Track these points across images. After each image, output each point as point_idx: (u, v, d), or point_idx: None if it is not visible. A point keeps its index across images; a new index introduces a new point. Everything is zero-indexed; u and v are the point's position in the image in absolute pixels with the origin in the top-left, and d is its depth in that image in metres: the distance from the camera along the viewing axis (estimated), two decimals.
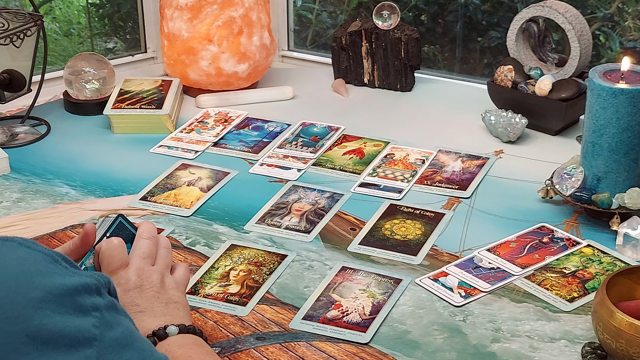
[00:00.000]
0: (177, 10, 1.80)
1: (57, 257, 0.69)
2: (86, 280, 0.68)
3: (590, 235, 1.31)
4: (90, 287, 0.68)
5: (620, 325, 0.97)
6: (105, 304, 0.69)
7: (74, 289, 0.67)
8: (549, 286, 1.18)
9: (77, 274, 0.69)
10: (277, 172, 1.52)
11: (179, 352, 0.88)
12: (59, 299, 0.65)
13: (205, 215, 1.38)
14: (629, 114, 1.26)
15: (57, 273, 0.67)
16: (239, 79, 1.84)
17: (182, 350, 0.89)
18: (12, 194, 1.45)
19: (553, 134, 1.64)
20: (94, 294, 0.68)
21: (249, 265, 1.24)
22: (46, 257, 0.69)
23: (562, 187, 1.35)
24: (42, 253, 0.69)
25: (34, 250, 0.69)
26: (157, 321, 0.92)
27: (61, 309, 0.65)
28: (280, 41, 2.17)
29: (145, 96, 1.74)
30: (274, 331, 1.10)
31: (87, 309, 0.67)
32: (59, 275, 0.67)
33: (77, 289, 0.67)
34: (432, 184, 1.47)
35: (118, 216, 1.08)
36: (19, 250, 0.68)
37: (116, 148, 1.63)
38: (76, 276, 0.69)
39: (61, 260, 0.69)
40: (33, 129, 1.69)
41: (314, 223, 1.35)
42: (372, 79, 1.90)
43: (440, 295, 1.17)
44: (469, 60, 2.32)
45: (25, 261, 0.67)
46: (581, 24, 1.60)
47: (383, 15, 1.84)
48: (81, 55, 1.80)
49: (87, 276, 0.69)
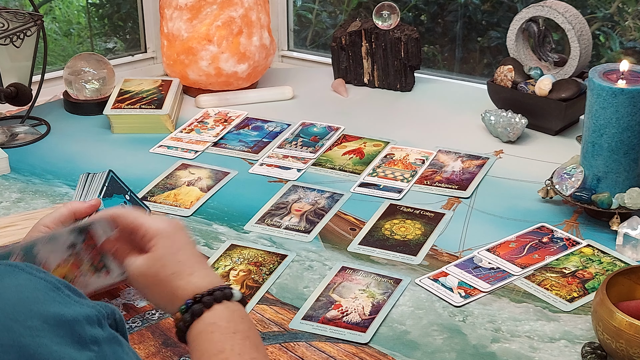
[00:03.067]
0: (177, 10, 1.80)
1: (60, 284, 0.67)
2: (87, 311, 0.66)
3: (590, 235, 1.31)
4: (91, 318, 0.66)
5: (620, 325, 0.97)
6: (106, 336, 0.66)
7: (73, 319, 0.64)
8: (548, 286, 1.18)
9: (79, 304, 0.67)
10: (277, 172, 1.52)
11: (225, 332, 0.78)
12: (56, 329, 0.63)
13: (205, 215, 1.38)
14: (629, 114, 1.26)
15: (58, 302, 0.65)
16: (238, 79, 1.84)
17: (229, 328, 0.79)
18: (11, 194, 1.45)
19: (553, 134, 1.64)
20: (94, 325, 0.66)
21: (248, 266, 1.24)
22: (48, 284, 0.66)
23: (562, 187, 1.35)
24: (44, 280, 0.67)
25: (35, 277, 0.67)
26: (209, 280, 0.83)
27: (58, 339, 0.63)
28: (280, 41, 2.17)
29: (145, 96, 1.74)
30: (273, 331, 1.10)
31: (86, 342, 0.64)
32: (59, 304, 0.65)
33: (76, 319, 0.65)
34: (432, 184, 1.47)
35: (109, 172, 1.09)
36: (20, 276, 0.66)
37: (116, 148, 1.63)
38: (77, 306, 0.66)
39: (64, 288, 0.67)
40: (33, 129, 1.69)
41: (314, 223, 1.35)
42: (372, 79, 1.90)
43: (440, 296, 1.17)
44: (468, 60, 2.32)
45: (25, 288, 0.65)
46: (581, 24, 1.60)
47: (383, 15, 1.84)
48: (81, 55, 1.80)
49: (89, 306, 0.67)
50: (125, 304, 1.14)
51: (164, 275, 0.83)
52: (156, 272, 0.83)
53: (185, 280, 0.82)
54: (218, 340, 0.78)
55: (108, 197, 1.10)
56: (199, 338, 0.79)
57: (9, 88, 1.64)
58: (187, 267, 0.83)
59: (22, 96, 1.65)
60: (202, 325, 0.79)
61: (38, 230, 1.02)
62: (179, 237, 0.86)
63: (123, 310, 1.13)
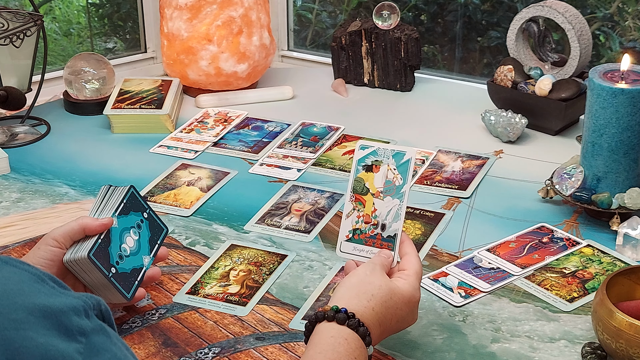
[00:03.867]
0: (177, 10, 1.80)
1: (45, 276, 0.66)
2: (73, 302, 0.65)
3: (590, 235, 1.31)
4: (77, 308, 0.65)
5: (620, 325, 0.97)
6: (93, 327, 0.65)
7: (59, 310, 0.63)
8: (548, 286, 1.18)
9: (65, 295, 0.66)
10: (277, 172, 1.52)
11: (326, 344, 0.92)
12: (42, 320, 0.62)
13: (205, 215, 1.38)
14: (629, 114, 1.26)
15: (43, 293, 0.64)
16: (238, 79, 1.84)
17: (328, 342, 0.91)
18: (11, 194, 1.45)
19: (553, 134, 1.64)
20: (81, 316, 0.65)
21: (248, 265, 1.24)
22: (32, 276, 0.66)
23: (562, 187, 1.35)
24: (28, 272, 0.66)
25: (19, 269, 0.66)
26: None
27: (44, 330, 0.62)
28: (280, 41, 2.17)
29: (145, 96, 1.74)
30: (273, 331, 1.10)
31: (73, 333, 0.64)
32: (44, 295, 0.64)
33: (62, 310, 0.64)
34: (432, 184, 1.47)
35: (130, 187, 1.10)
36: (4, 269, 0.65)
37: (116, 148, 1.63)
38: (63, 297, 0.65)
39: (48, 280, 0.66)
40: (33, 129, 1.69)
41: (314, 223, 1.35)
42: (372, 79, 1.90)
43: (440, 296, 1.17)
44: (468, 60, 2.32)
45: (9, 280, 0.64)
46: (581, 24, 1.60)
47: (383, 15, 1.84)
48: (81, 55, 1.80)
49: (74, 297, 0.66)
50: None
51: (368, 291, 0.97)
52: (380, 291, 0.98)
53: (372, 306, 0.96)
54: (333, 351, 0.90)
55: (124, 215, 1.10)
56: (324, 337, 0.92)
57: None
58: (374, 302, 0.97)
59: (13, 100, 1.61)
60: (335, 330, 0.92)
61: (47, 243, 1.03)
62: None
63: (123, 310, 1.13)
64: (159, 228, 1.15)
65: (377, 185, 1.01)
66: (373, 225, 1.02)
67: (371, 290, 0.96)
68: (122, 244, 1.08)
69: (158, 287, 1.18)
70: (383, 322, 0.96)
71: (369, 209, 1.02)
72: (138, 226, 1.11)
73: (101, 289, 1.04)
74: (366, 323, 0.94)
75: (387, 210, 1.01)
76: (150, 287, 1.18)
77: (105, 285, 1.04)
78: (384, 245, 1.02)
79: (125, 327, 1.10)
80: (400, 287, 0.98)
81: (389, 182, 1.00)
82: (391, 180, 1.00)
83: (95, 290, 1.05)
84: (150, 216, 1.15)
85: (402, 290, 0.98)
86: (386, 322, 0.97)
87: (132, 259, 1.09)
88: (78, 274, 1.03)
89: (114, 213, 1.08)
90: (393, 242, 1.01)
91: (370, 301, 0.96)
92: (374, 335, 0.95)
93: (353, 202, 1.04)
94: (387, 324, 0.97)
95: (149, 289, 1.17)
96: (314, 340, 0.93)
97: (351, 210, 1.04)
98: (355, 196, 1.03)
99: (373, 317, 0.95)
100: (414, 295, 0.99)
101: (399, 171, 0.99)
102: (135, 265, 1.09)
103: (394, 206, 1.00)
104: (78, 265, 1.02)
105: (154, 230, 1.14)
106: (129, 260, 1.08)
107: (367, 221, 1.02)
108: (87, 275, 1.03)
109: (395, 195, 1.00)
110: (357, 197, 1.03)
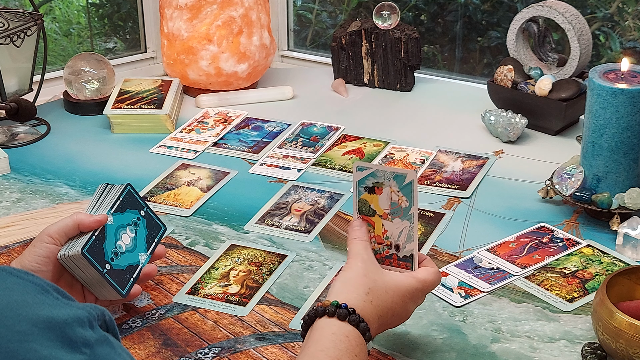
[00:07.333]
0: (177, 10, 1.80)
1: (48, 287, 0.66)
2: (77, 312, 0.65)
3: (590, 235, 1.31)
4: (81, 319, 0.64)
5: (620, 325, 0.97)
6: (97, 338, 0.65)
7: (63, 321, 0.63)
8: (548, 286, 1.18)
9: (69, 305, 0.66)
10: (277, 172, 1.52)
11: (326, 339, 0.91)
12: (46, 332, 0.61)
13: (205, 215, 1.38)
14: (629, 114, 1.26)
15: (47, 304, 0.64)
16: (238, 79, 1.84)
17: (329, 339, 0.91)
18: (11, 194, 1.45)
19: (553, 134, 1.64)
20: (85, 327, 0.64)
21: (248, 266, 1.24)
22: (36, 287, 0.65)
23: (562, 187, 1.35)
24: (32, 283, 0.66)
25: (23, 280, 0.65)
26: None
27: (48, 342, 0.61)
28: (280, 41, 2.17)
29: (145, 96, 1.74)
30: (273, 331, 1.10)
31: (77, 344, 0.63)
32: (48, 306, 0.64)
33: (66, 322, 0.63)
34: (432, 184, 1.47)
35: (127, 185, 1.10)
36: (8, 280, 0.65)
37: (116, 148, 1.63)
38: (67, 307, 0.65)
39: (52, 290, 0.66)
40: (33, 129, 1.69)
41: (314, 223, 1.35)
42: (372, 79, 1.90)
43: (440, 296, 1.17)
44: (468, 60, 2.32)
45: (13, 292, 0.64)
46: (581, 24, 1.60)
47: (383, 15, 1.84)
48: (81, 55, 1.80)
49: (78, 308, 0.66)
50: (125, 304, 1.14)
51: (372, 282, 0.97)
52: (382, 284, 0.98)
53: (370, 300, 0.95)
54: (334, 348, 0.90)
55: (120, 212, 1.10)
56: (324, 332, 0.92)
57: (10, 104, 1.61)
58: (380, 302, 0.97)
59: (24, 112, 1.62)
60: (336, 327, 0.91)
61: (42, 240, 1.03)
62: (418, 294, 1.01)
63: (123, 310, 1.13)
64: (156, 226, 1.15)
65: (383, 207, 1.01)
66: (387, 246, 1.02)
67: (368, 284, 0.96)
68: (118, 241, 1.07)
69: (158, 287, 1.18)
70: (381, 315, 0.96)
71: (379, 230, 1.02)
72: (135, 224, 1.11)
73: (96, 285, 1.04)
74: (366, 318, 0.93)
75: (398, 231, 1.01)
76: (151, 287, 1.18)
77: (100, 282, 1.04)
78: (401, 264, 1.02)
79: (125, 327, 1.10)
80: (395, 279, 0.98)
81: (394, 204, 1.00)
82: (397, 202, 1.00)
83: (91, 287, 1.05)
84: (147, 214, 1.14)
85: (396, 282, 0.98)
86: (383, 315, 0.96)
87: (128, 256, 1.08)
88: (73, 271, 1.03)
89: (110, 210, 1.08)
90: (411, 262, 1.02)
91: (368, 294, 0.95)
92: (373, 329, 0.95)
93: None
94: (384, 318, 0.97)
95: (148, 289, 1.17)
96: (314, 336, 0.92)
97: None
98: (362, 217, 1.03)
99: (372, 310, 0.95)
100: (408, 290, 0.99)
101: (403, 193, 0.99)
102: (131, 262, 1.08)
103: (404, 228, 1.00)
104: (72, 262, 1.02)
105: (151, 228, 1.14)
106: (125, 257, 1.08)
107: (380, 242, 1.02)
108: (81, 272, 1.03)
109: (404, 217, 1.00)
110: (364, 219, 1.03)
